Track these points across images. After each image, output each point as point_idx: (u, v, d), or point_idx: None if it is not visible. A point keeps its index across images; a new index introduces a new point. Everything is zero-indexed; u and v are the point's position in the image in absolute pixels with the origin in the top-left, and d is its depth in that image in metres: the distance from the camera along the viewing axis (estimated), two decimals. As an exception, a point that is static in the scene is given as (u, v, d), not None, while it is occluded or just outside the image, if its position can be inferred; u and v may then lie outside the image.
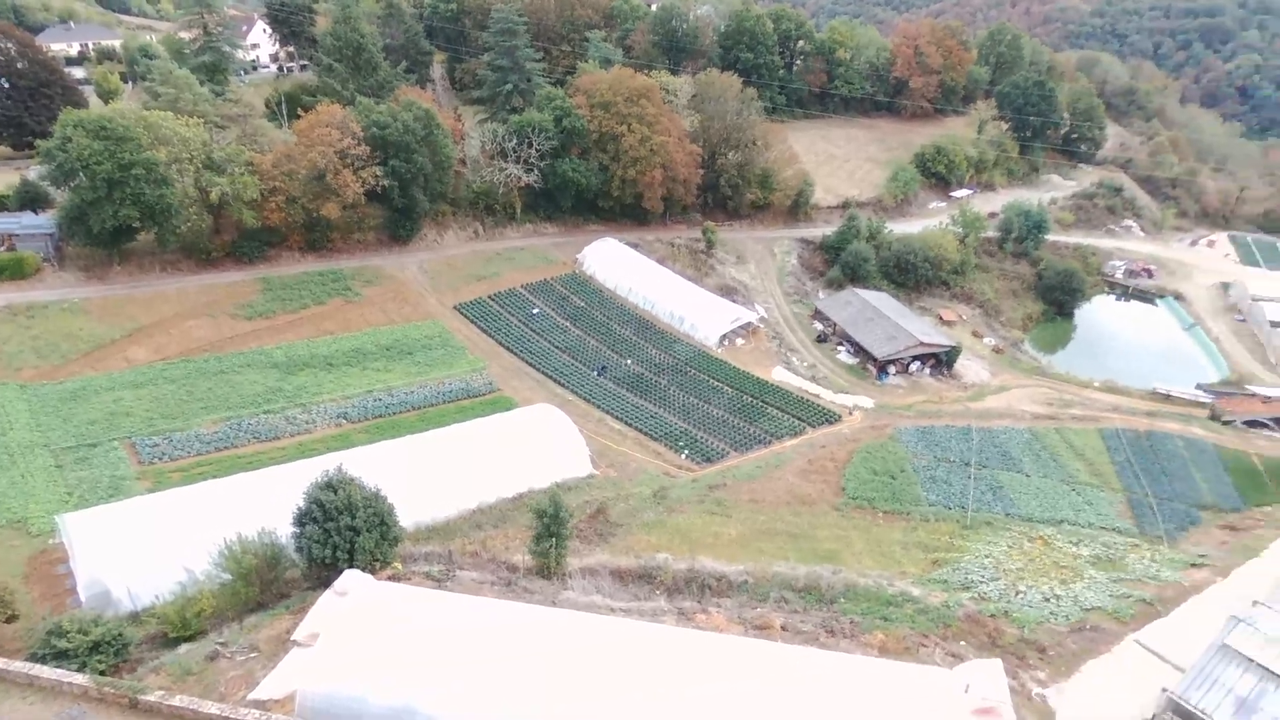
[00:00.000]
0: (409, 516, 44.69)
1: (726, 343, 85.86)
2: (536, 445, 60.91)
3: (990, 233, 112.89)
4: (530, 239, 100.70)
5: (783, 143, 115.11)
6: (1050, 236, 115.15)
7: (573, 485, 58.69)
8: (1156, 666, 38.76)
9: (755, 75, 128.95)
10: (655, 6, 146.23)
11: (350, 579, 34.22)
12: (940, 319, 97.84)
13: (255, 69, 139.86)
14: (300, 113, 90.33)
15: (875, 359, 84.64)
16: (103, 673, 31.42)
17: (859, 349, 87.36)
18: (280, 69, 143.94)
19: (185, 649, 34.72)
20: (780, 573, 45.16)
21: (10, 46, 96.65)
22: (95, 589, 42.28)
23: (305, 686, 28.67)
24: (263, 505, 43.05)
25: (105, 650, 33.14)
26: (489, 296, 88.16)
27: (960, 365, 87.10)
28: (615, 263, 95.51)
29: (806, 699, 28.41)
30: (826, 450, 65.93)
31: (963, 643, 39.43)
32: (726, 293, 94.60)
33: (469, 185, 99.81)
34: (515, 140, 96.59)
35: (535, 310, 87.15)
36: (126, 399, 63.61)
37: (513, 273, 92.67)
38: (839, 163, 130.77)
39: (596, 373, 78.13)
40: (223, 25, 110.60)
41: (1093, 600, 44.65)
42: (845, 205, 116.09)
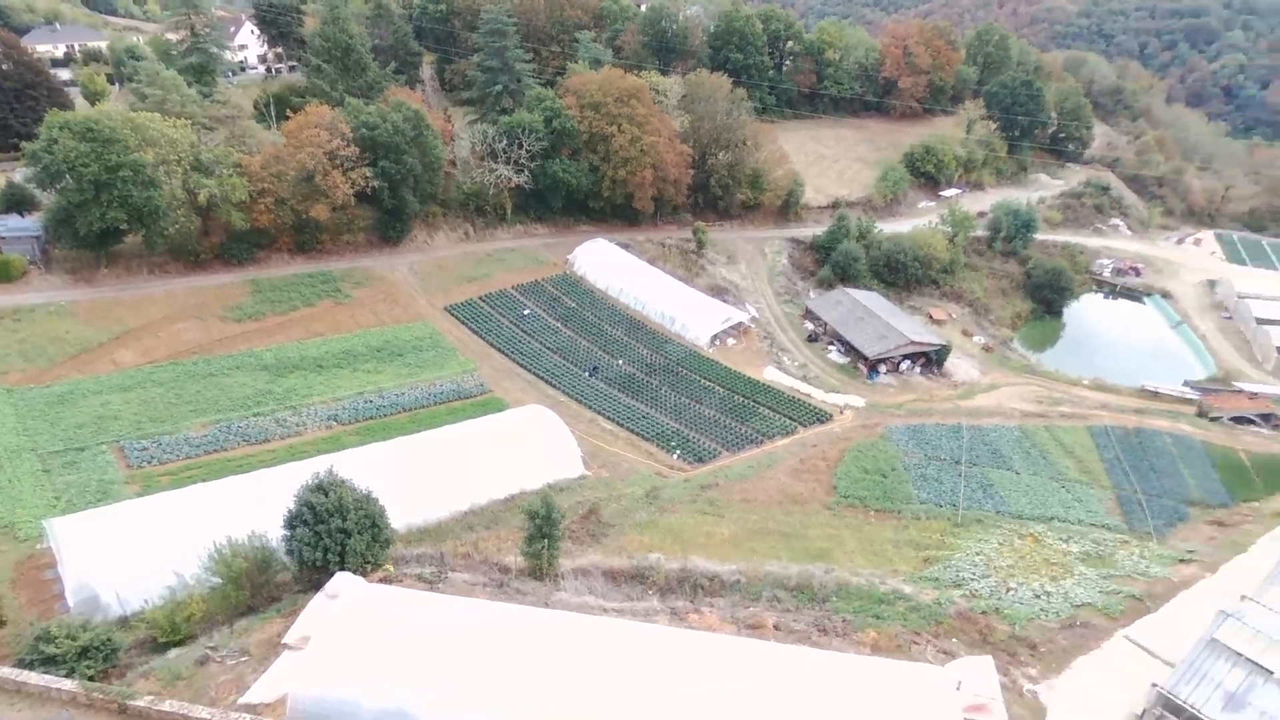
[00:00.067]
0: (400, 518, 44.65)
1: (718, 343, 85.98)
2: (528, 446, 60.88)
3: (979, 232, 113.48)
4: (521, 240, 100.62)
5: (773, 143, 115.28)
6: (1038, 235, 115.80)
7: (565, 486, 58.68)
8: (1146, 662, 38.98)
9: (745, 76, 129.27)
10: (645, 7, 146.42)
11: (341, 581, 34.10)
12: (930, 318, 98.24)
13: (243, 70, 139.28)
14: (289, 114, 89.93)
15: (866, 358, 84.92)
16: (91, 678, 31.25)
17: (850, 348, 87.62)
18: (268, 70, 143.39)
19: (175, 654, 34.49)
20: (772, 572, 45.24)
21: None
22: (83, 594, 41.98)
23: (296, 690, 28.54)
24: (253, 508, 42.89)
25: (94, 656, 32.88)
26: (480, 298, 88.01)
27: (950, 364, 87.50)
28: (606, 263, 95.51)
29: (799, 698, 28.47)
30: (818, 449, 66.09)
31: (954, 640, 39.58)
32: (717, 293, 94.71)
33: (459, 186, 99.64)
34: (505, 141, 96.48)
35: (526, 311, 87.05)
36: (114, 402, 63.14)
37: (503, 274, 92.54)
38: (829, 163, 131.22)
39: (588, 373, 78.09)
40: (210, 26, 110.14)
41: (1083, 597, 44.90)
42: (835, 205, 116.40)
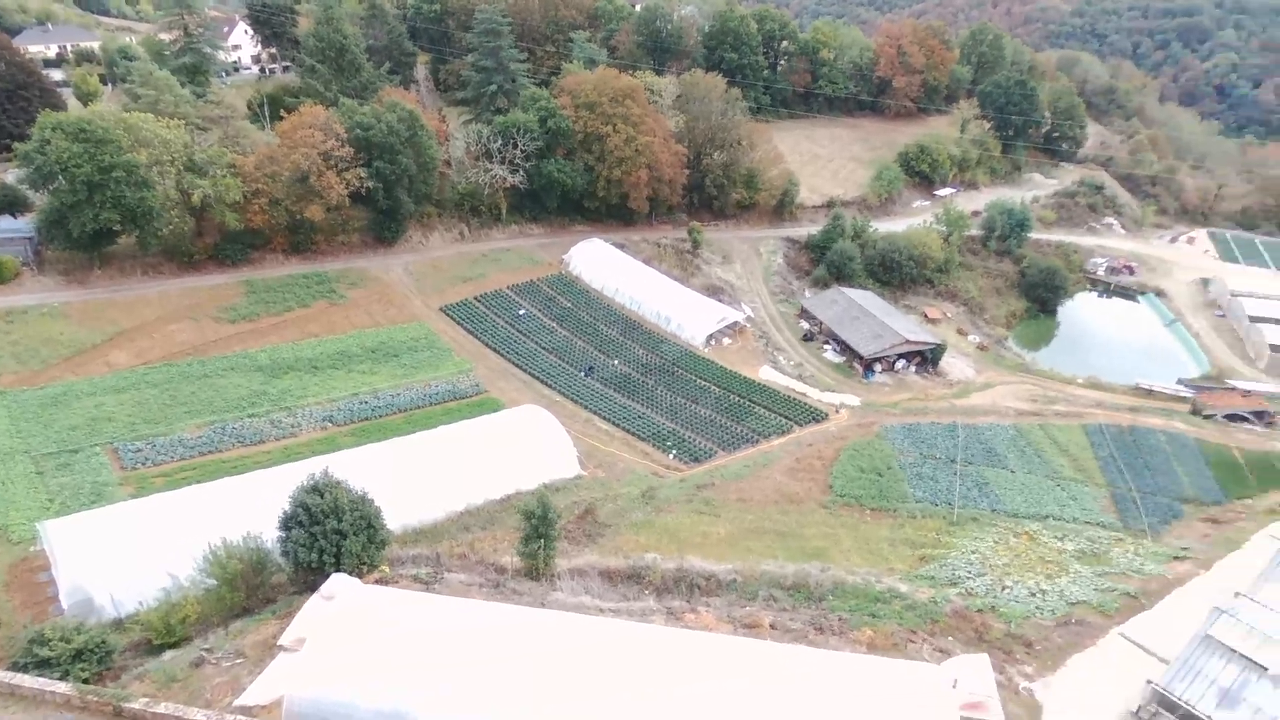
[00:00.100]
0: (396, 519, 44.53)
1: (713, 342, 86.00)
2: (524, 446, 60.81)
3: (974, 231, 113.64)
4: (516, 240, 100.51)
5: (767, 142, 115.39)
6: (1033, 234, 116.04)
7: (560, 486, 58.64)
8: (1141, 659, 39.13)
9: (740, 75, 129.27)
10: (639, 7, 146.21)
11: (337, 583, 34.01)
12: (925, 317, 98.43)
13: (237, 70, 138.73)
14: (283, 114, 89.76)
15: (861, 357, 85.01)
16: (86, 681, 31.12)
17: (845, 347, 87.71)
18: (262, 70, 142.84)
19: (170, 656, 34.39)
20: (769, 571, 45.29)
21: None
22: (77, 596, 41.82)
23: (292, 692, 28.45)
24: (248, 510, 42.73)
25: (88, 658, 32.76)
26: (475, 298, 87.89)
27: (945, 363, 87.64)
28: (601, 263, 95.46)
29: (796, 696, 28.49)
30: (814, 448, 66.16)
31: (950, 638, 39.67)
32: (713, 292, 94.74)
33: (454, 186, 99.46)
34: (500, 141, 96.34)
35: (522, 311, 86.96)
36: (108, 404, 62.90)
37: (499, 274, 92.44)
38: (823, 162, 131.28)
39: (584, 373, 78.04)
40: (203, 26, 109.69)
41: (1078, 594, 45.07)
42: (830, 204, 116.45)
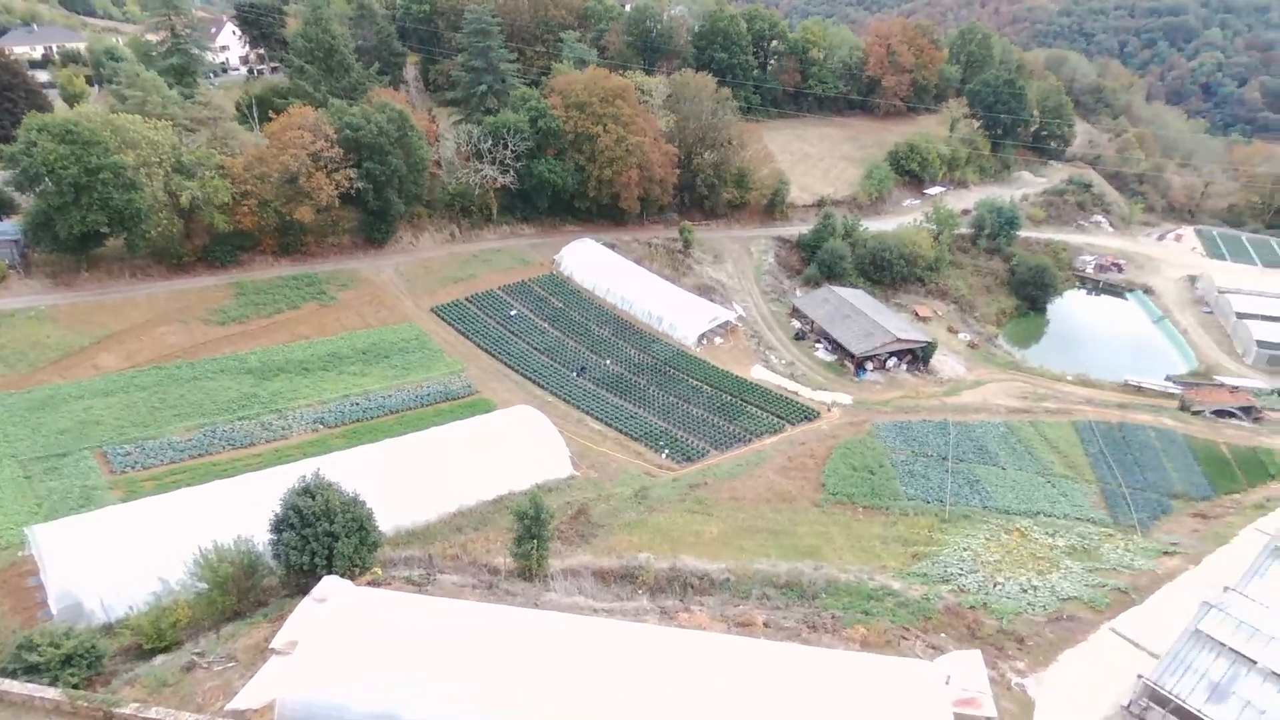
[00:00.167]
0: (388, 521, 44.40)
1: (705, 342, 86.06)
2: (516, 447, 60.69)
3: (963, 229, 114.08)
4: (507, 240, 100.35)
5: (758, 142, 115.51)
6: (1022, 233, 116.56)
7: (553, 486, 58.52)
8: (1132, 654, 39.34)
9: (730, 75, 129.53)
10: (629, 7, 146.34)
11: (329, 585, 33.88)
12: (916, 315, 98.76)
13: (225, 71, 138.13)
14: (272, 115, 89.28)
15: (853, 356, 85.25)
16: (76, 686, 30.89)
17: (837, 346, 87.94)
18: (250, 71, 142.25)
19: (161, 660, 34.20)
20: (762, 570, 45.32)
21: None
22: (67, 601, 41.50)
23: (284, 695, 28.32)
24: (239, 512, 42.47)
25: (78, 663, 32.51)
26: (466, 299, 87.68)
27: (936, 361, 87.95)
28: (593, 263, 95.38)
29: (790, 694, 28.54)
30: (806, 447, 66.28)
31: (943, 635, 39.80)
32: (704, 292, 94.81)
33: (444, 187, 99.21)
34: (490, 141, 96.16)
35: (513, 312, 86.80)
36: (97, 407, 62.44)
37: (490, 274, 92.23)
38: (814, 161, 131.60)
39: (575, 373, 77.96)
40: (191, 27, 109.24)
41: (1069, 590, 45.25)
42: (821, 204, 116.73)
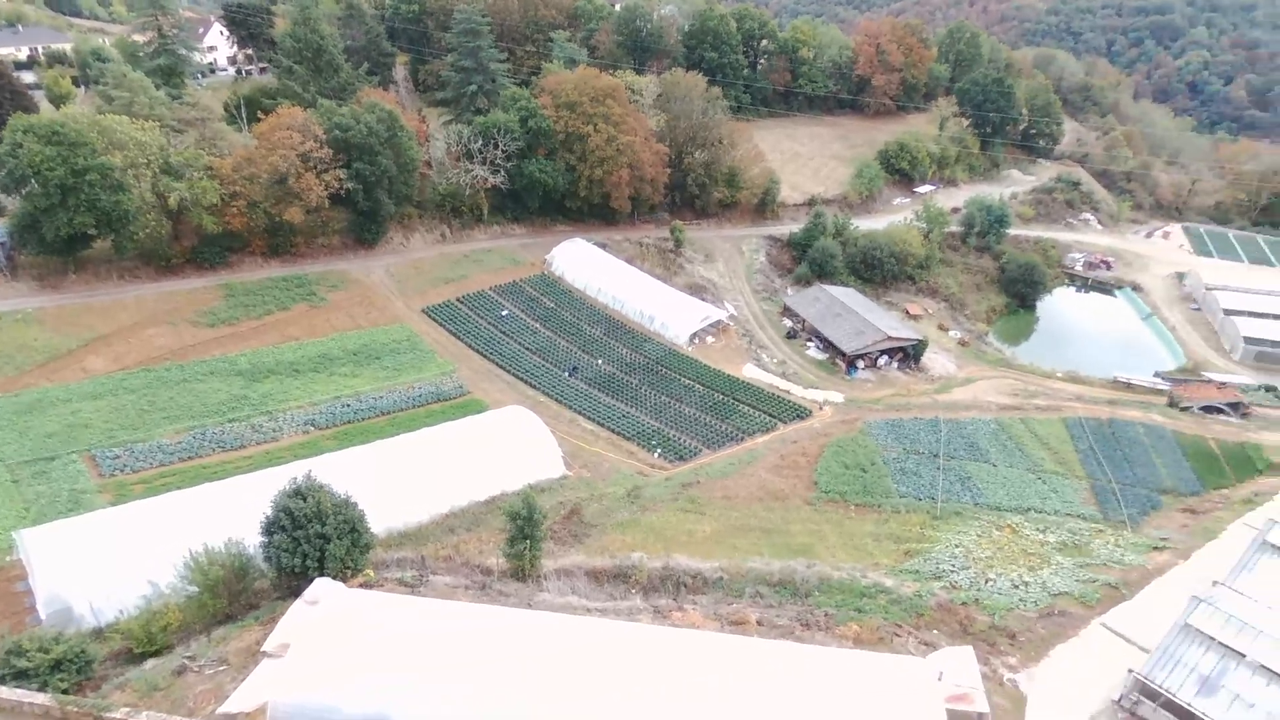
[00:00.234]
0: (380, 522, 44.25)
1: (697, 341, 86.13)
2: (508, 447, 60.61)
3: (953, 228, 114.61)
4: (498, 240, 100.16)
5: (748, 141, 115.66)
6: (1011, 230, 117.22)
7: (546, 487, 58.47)
8: (1123, 648, 39.60)
9: (720, 74, 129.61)
10: (619, 6, 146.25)
11: (321, 587, 33.68)
12: (906, 313, 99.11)
13: (213, 72, 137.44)
14: (260, 116, 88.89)
15: (844, 354, 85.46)
16: (65, 691, 30.62)
17: (828, 344, 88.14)
18: (239, 71, 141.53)
19: (151, 664, 33.95)
20: (755, 568, 45.43)
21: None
22: (56, 606, 41.18)
23: (276, 698, 28.15)
24: (229, 515, 42.26)
25: (67, 668, 32.21)
26: (457, 299, 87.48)
27: (927, 358, 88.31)
28: (584, 263, 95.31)
29: (784, 692, 28.58)
30: (798, 445, 66.42)
31: (935, 631, 39.97)
32: (696, 291, 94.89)
33: (435, 187, 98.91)
34: (481, 141, 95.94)
35: (504, 312, 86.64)
36: (85, 410, 62.02)
37: (481, 275, 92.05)
38: (804, 160, 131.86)
39: (567, 373, 77.89)
40: (178, 27, 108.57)
41: (1060, 586, 45.52)
42: (811, 203, 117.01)
